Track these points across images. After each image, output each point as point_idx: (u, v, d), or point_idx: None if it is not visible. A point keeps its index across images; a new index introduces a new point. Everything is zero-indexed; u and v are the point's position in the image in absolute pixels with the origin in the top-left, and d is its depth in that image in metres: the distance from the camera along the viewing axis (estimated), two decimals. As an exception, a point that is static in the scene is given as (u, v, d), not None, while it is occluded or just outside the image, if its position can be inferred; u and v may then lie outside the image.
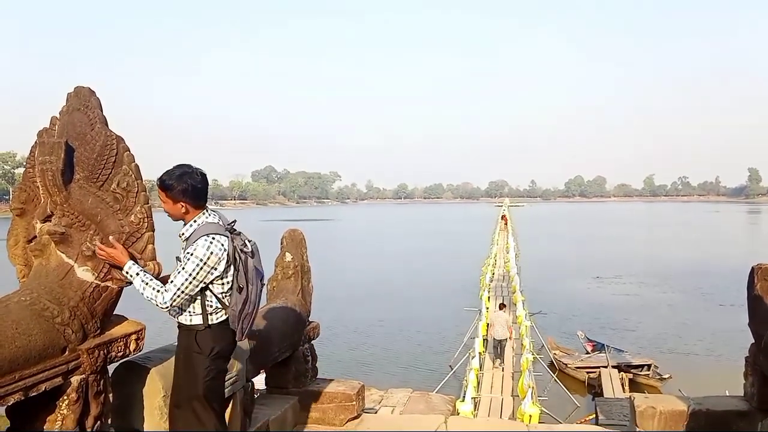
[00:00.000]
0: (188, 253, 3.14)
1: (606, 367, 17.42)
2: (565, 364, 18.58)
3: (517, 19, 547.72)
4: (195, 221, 3.26)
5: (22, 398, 2.77)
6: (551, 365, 18.67)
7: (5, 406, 2.86)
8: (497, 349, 17.27)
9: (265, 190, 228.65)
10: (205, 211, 3.29)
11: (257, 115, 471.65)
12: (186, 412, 3.27)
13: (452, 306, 27.89)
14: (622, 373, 17.12)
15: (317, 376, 5.86)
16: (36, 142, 3.19)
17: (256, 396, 4.91)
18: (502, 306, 19.05)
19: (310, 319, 5.86)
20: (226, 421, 3.66)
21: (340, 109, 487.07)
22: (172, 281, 3.13)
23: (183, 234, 3.27)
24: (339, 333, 22.71)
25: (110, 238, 3.17)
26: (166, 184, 3.21)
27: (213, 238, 3.16)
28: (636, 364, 17.92)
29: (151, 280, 3.17)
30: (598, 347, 19.68)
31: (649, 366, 17.73)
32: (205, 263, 3.12)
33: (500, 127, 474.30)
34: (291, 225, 6.20)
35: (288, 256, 5.81)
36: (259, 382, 5.72)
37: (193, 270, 3.11)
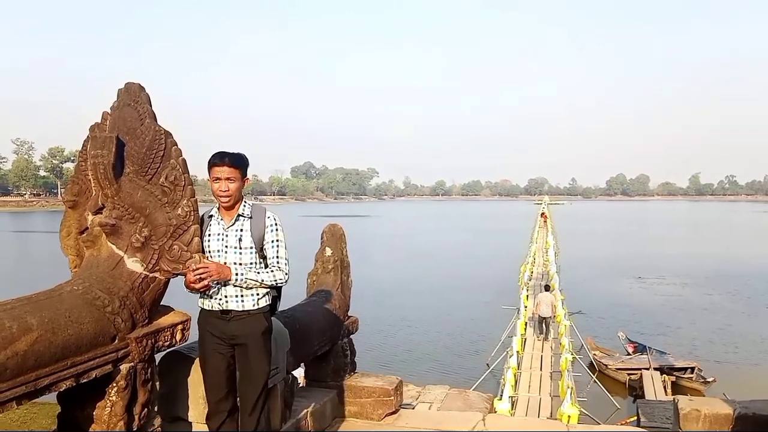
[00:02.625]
0: (271, 225, 3.38)
1: (648, 369, 17.07)
2: (605, 365, 18.28)
3: (554, 10, 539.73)
4: (246, 202, 3.42)
5: (74, 384, 2.86)
6: (591, 366, 18.38)
7: (57, 392, 2.96)
8: (542, 325, 19.42)
9: (303, 186, 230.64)
10: None
11: (297, 111, 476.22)
12: (261, 395, 3.42)
13: (490, 304, 27.68)
14: (664, 375, 16.75)
15: (355, 371, 5.89)
16: (88, 136, 3.28)
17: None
18: (546, 287, 21.83)
19: (349, 314, 5.89)
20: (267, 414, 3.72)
21: (377, 106, 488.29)
22: (276, 256, 3.37)
23: (242, 214, 3.36)
24: (377, 328, 22.77)
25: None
26: (244, 161, 3.35)
27: None
28: (679, 367, 17.51)
29: (257, 269, 3.35)
30: (640, 349, 19.29)
31: (692, 369, 17.30)
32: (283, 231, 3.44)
33: (540, 123, 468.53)
34: (329, 220, 6.23)
35: (328, 251, 5.84)
36: (298, 374, 5.78)
37: (284, 238, 3.42)
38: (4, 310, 2.65)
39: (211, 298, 3.31)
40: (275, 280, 3.36)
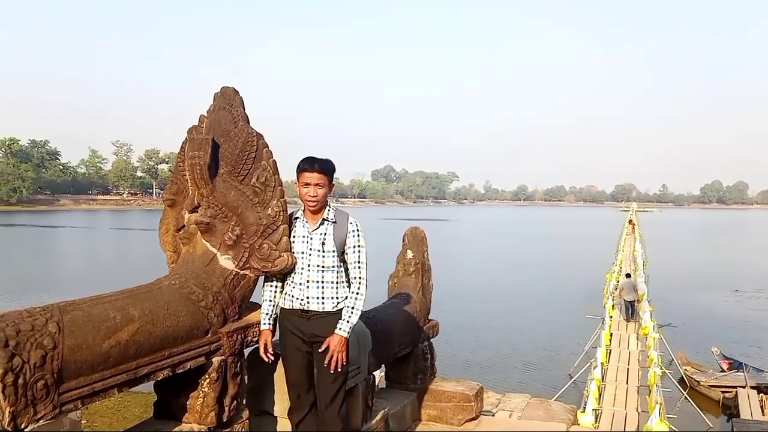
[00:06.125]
0: (353, 231, 3.46)
1: (744, 387, 16.06)
2: (697, 382, 17.34)
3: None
4: (330, 206, 3.51)
5: (170, 374, 3.01)
6: (681, 381, 17.51)
7: (154, 382, 3.11)
8: (628, 310, 21.99)
9: (383, 189, 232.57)
10: None
11: (378, 115, 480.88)
12: (338, 392, 3.48)
13: (573, 312, 26.89)
14: (761, 394, 15.72)
15: (435, 375, 5.87)
16: (186, 138, 3.45)
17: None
18: (628, 275, 25.01)
19: (430, 317, 5.88)
20: (348, 413, 3.77)
21: (456, 110, 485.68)
22: (357, 261, 3.46)
23: (327, 218, 3.46)
24: (456, 333, 22.57)
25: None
26: (331, 168, 3.46)
27: None
28: (778, 386, 16.39)
29: (350, 305, 3.44)
30: (735, 365, 18.16)
31: (793, 389, 16.16)
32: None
33: (628, 127, 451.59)
34: (409, 224, 6.25)
35: (409, 254, 5.86)
36: (377, 375, 5.81)
37: (365, 243, 3.50)
38: (109, 301, 2.82)
39: (294, 297, 3.41)
40: (361, 297, 3.46)
